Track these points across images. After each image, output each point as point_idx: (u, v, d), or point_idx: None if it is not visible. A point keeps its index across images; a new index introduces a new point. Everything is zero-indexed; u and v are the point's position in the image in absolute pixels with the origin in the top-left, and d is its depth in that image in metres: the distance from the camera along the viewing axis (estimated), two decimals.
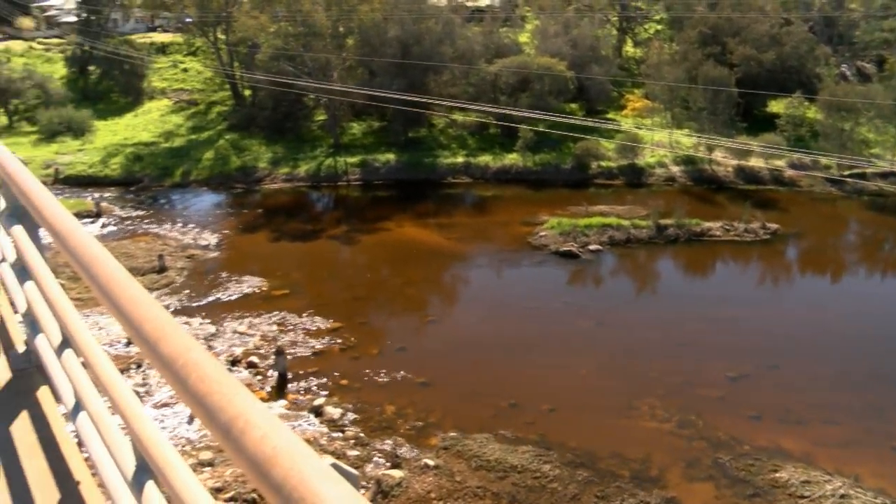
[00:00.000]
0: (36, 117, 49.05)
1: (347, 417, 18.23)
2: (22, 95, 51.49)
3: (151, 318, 1.61)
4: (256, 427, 1.21)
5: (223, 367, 1.39)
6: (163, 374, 1.49)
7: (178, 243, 31.11)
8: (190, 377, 1.35)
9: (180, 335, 1.51)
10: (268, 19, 46.59)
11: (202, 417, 1.32)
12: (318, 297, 25.50)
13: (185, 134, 47.86)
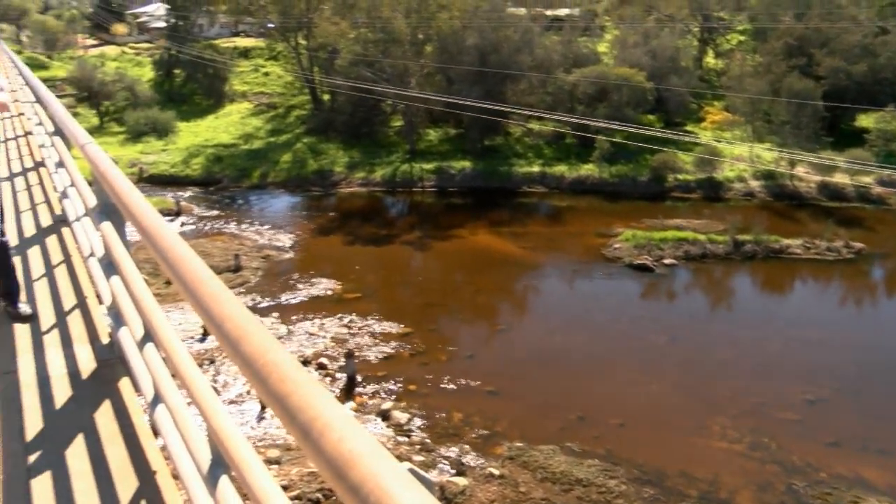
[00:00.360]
0: (124, 118, 50.78)
1: (414, 423, 18.28)
2: (113, 97, 53.43)
3: (234, 317, 1.64)
4: (335, 429, 1.22)
5: (303, 368, 1.41)
6: (244, 373, 1.51)
7: (254, 243, 31.75)
8: (271, 377, 1.38)
9: (262, 334, 1.54)
10: (348, 25, 47.27)
11: (282, 417, 1.34)
12: (389, 301, 25.69)
13: (263, 136, 48.85)
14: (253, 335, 1.54)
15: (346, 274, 27.85)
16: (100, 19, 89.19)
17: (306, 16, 52.44)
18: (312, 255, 30.69)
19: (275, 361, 1.41)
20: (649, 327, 24.19)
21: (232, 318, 1.65)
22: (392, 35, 44.32)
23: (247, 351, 1.50)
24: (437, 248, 31.87)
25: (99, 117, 51.96)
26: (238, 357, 1.53)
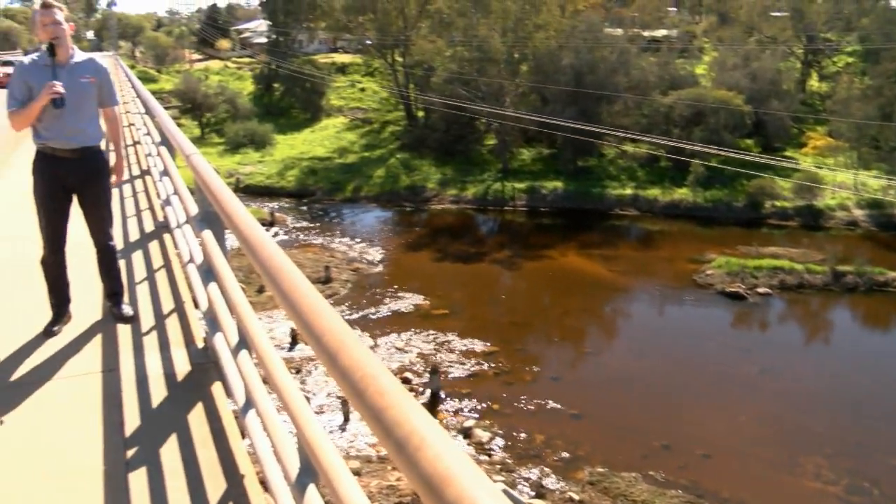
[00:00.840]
0: (224, 130, 52.51)
1: (496, 442, 18.20)
2: (214, 109, 55.33)
3: (332, 330, 1.67)
4: (431, 445, 1.23)
5: (399, 382, 1.43)
6: (341, 386, 1.54)
7: (345, 256, 32.27)
8: (367, 390, 1.39)
9: (359, 348, 1.57)
10: (444, 44, 47.75)
11: (377, 431, 1.35)
12: (476, 319, 25.70)
13: (358, 151, 49.66)
14: (351, 348, 1.56)
15: (434, 290, 27.99)
16: (206, 35, 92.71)
17: (403, 33, 53.25)
18: (401, 270, 30.98)
19: (372, 375, 1.43)
20: (739, 357, 23.49)
21: (331, 330, 1.68)
22: (488, 54, 44.53)
23: (344, 364, 1.52)
24: (525, 267, 31.75)
25: (200, 128, 53.80)
26: (335, 370, 1.56)
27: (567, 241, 34.44)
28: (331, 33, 71.62)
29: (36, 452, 3.43)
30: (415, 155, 46.43)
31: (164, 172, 7.55)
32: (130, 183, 10.01)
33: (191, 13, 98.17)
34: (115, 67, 25.35)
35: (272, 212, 37.76)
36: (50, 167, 4.67)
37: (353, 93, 61.83)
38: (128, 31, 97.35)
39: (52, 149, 4.63)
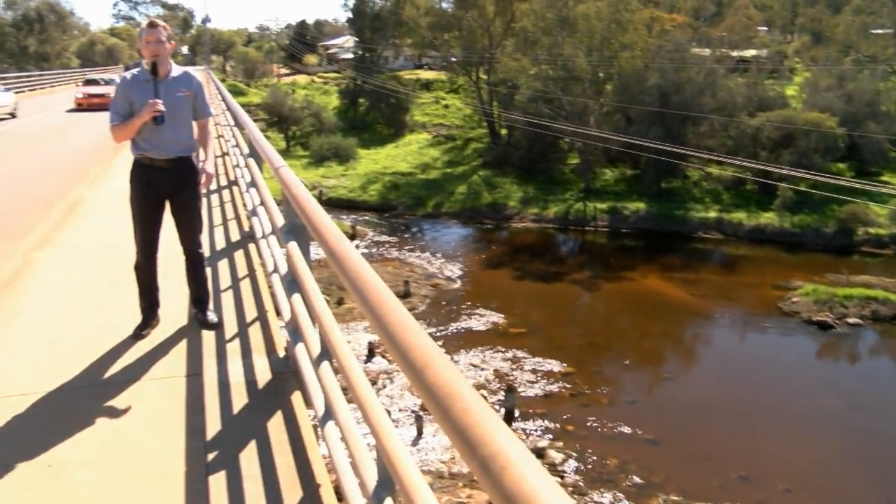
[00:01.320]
0: (309, 143, 53.59)
1: (569, 464, 17.97)
2: (300, 123, 56.53)
3: (419, 346, 1.68)
4: (516, 465, 1.22)
5: (485, 401, 1.43)
6: (425, 402, 1.54)
7: (424, 271, 32.45)
8: (453, 407, 1.39)
9: (446, 365, 1.57)
10: (529, 62, 47.76)
11: (461, 449, 1.35)
12: (553, 339, 25.49)
13: (440, 167, 50.00)
14: (438, 365, 1.57)
15: (513, 308, 27.90)
16: (294, 51, 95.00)
17: (488, 51, 53.53)
18: (480, 287, 30.98)
19: (458, 392, 1.43)
20: (826, 389, 22.65)
21: (417, 346, 1.68)
22: (572, 72, 44.37)
23: (431, 380, 1.52)
24: (605, 288, 31.38)
25: (286, 141, 55.00)
26: (421, 385, 1.56)
27: (648, 263, 33.90)
28: (416, 50, 72.57)
29: (120, 451, 3.55)
30: (497, 172, 46.47)
31: (252, 184, 7.73)
32: (218, 193, 10.30)
33: (280, 29, 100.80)
34: (207, 80, 26.19)
35: (354, 225, 38.27)
36: (146, 176, 4.86)
37: (436, 109, 62.35)
38: (220, 46, 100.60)
39: (149, 159, 4.82)
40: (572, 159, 46.57)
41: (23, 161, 15.19)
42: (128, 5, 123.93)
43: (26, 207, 10.29)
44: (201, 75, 5.08)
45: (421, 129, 59.45)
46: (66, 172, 13.52)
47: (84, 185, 11.88)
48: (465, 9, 55.54)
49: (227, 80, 77.20)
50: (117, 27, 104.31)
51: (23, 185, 12.09)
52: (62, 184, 12.11)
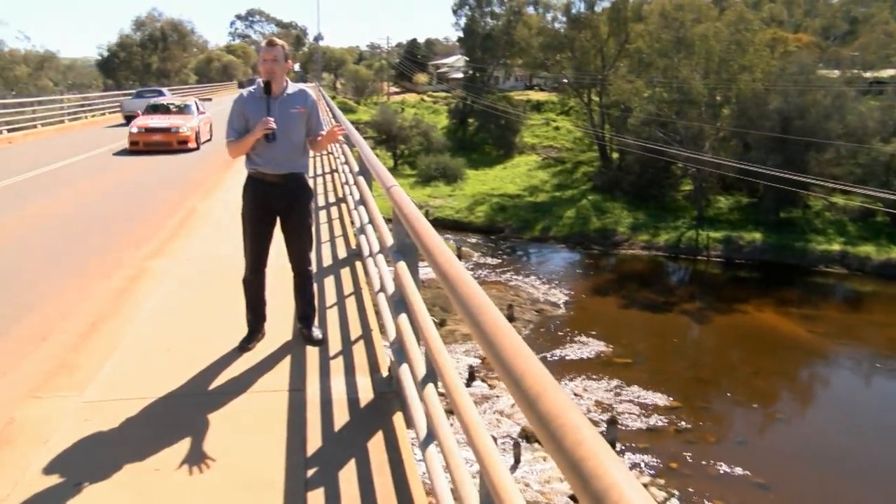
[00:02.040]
0: (416, 162, 54.32)
1: (672, 503, 17.49)
2: (408, 142, 57.41)
3: (532, 373, 1.66)
4: (631, 501, 1.20)
5: (600, 434, 1.40)
6: (537, 431, 1.52)
7: (529, 296, 32.33)
8: (566, 439, 1.37)
9: (560, 394, 1.55)
10: (643, 84, 47.14)
11: (573, 482, 1.33)
12: (659, 371, 24.91)
13: (549, 190, 49.82)
14: (551, 394, 1.55)
15: (618, 337, 27.46)
16: (404, 69, 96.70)
17: (601, 73, 53.16)
18: (586, 315, 30.63)
19: (571, 424, 1.41)
20: None
21: (531, 374, 1.67)
22: (688, 96, 43.53)
23: (544, 409, 1.51)
24: (716, 321, 30.49)
25: (394, 160, 55.90)
26: (534, 414, 1.54)
27: (764, 296, 32.76)
28: (527, 70, 72.75)
29: (223, 460, 3.67)
30: (607, 197, 45.98)
31: (360, 201, 7.88)
32: (326, 210, 10.55)
33: (391, 47, 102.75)
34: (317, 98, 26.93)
35: (459, 246, 38.50)
36: (258, 191, 5.03)
37: (546, 131, 62.24)
38: (331, 64, 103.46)
39: (262, 174, 5.00)
40: (685, 186, 45.61)
41: (139, 172, 15.94)
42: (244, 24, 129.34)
43: (143, 217, 10.81)
44: (312, 92, 5.23)
45: (530, 150, 59.43)
46: (181, 184, 14.14)
47: (197, 197, 12.39)
48: (578, 29, 55.39)
49: (338, 97, 79.25)
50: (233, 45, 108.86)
51: (140, 195, 12.69)
52: (176, 195, 12.66)
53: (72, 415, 4.20)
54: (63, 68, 70.98)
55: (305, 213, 5.15)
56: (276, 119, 4.83)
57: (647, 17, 50.21)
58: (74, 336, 5.68)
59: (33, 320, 6.19)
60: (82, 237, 9.60)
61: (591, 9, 55.70)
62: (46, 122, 29.85)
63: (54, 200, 12.40)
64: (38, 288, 7.20)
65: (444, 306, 26.90)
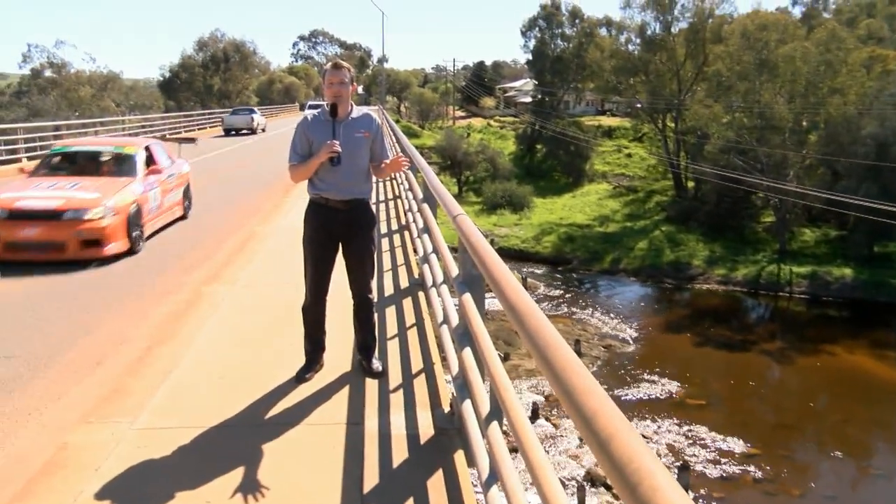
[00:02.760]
0: (482, 189, 54.53)
1: None
2: (474, 168, 57.72)
3: (605, 413, 1.64)
4: None
5: (675, 478, 1.38)
6: (609, 475, 1.50)
7: (597, 331, 32.05)
8: (641, 484, 1.35)
9: (633, 436, 1.53)
10: (721, 109, 46.60)
11: None
12: (737, 414, 24.34)
13: (620, 220, 49.50)
14: (625, 436, 1.53)
15: (692, 377, 26.97)
16: (470, 93, 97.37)
17: (677, 97, 52.79)
18: (657, 352, 30.18)
19: (648, 469, 1.38)
20: None
21: (603, 414, 1.65)
22: (771, 121, 42.85)
23: (616, 452, 1.49)
24: (800, 362, 29.71)
25: (459, 186, 56.22)
26: (605, 458, 1.52)
27: (855, 337, 31.81)
28: (599, 95, 72.69)
29: (275, 496, 3.69)
30: (681, 228, 45.46)
31: (425, 229, 7.92)
32: (388, 237, 10.64)
33: (457, 70, 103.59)
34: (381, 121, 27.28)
35: (525, 277, 38.41)
36: (321, 216, 5.09)
37: (618, 158, 62.03)
38: (395, 87, 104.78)
39: (324, 199, 5.06)
40: (766, 217, 44.81)
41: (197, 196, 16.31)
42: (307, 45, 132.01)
43: (200, 240, 11.04)
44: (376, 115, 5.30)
45: (601, 178, 59.27)
46: (240, 207, 14.42)
47: (256, 221, 12.63)
48: (653, 51, 55.25)
49: (401, 121, 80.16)
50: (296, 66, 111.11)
51: (195, 219, 12.96)
52: (234, 220, 12.91)
53: (124, 441, 4.30)
54: (125, 89, 73.43)
55: (368, 239, 5.20)
56: (341, 143, 4.90)
57: (727, 38, 49.65)
58: (129, 361, 5.83)
59: (88, 343, 6.37)
60: (138, 258, 9.86)
61: (668, 30, 55.50)
62: None
63: None
64: (94, 311, 7.41)
65: (508, 340, 26.78)
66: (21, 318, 7.10)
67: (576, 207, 52.72)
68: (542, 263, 43.33)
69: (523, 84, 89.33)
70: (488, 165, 58.35)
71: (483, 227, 46.28)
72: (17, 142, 24.26)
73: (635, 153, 61.84)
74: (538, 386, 24.47)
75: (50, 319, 7.08)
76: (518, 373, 25.20)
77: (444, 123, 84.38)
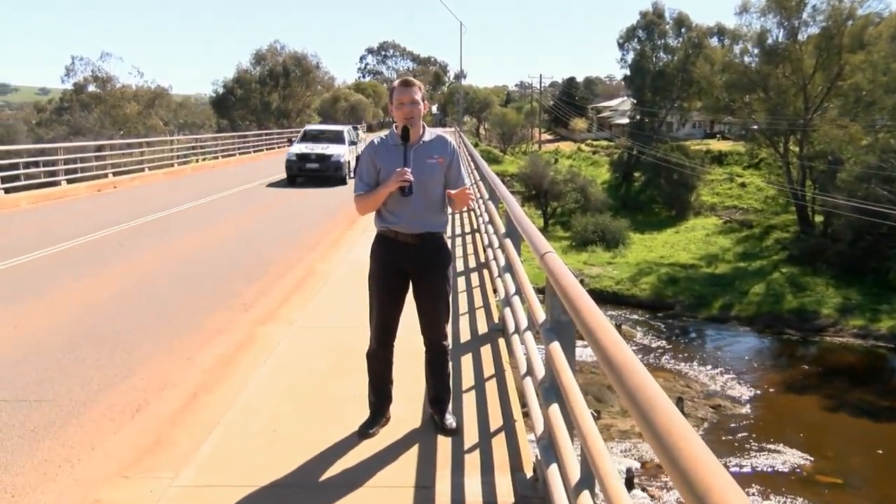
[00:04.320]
0: (571, 222, 54.42)
1: None
2: (561, 198, 57.67)
3: (719, 489, 1.60)
4: None
5: None
6: None
7: (704, 388, 31.46)
8: None
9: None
10: (860, 129, 45.60)
11: None
12: (885, 499, 23.50)
13: (731, 260, 48.78)
14: None
15: (822, 448, 26.21)
16: (559, 113, 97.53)
17: (803, 116, 51.91)
18: (777, 416, 29.46)
19: None
20: None
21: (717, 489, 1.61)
22: None
23: None
24: None
25: (544, 219, 56.26)
26: None
27: None
28: (708, 115, 72.00)
29: None
30: (806, 270, 44.54)
31: (507, 268, 7.92)
32: (465, 276, 10.69)
33: (544, 87, 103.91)
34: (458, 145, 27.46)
35: (620, 324, 38.12)
36: (389, 252, 5.13)
37: (730, 188, 61.31)
38: (474, 106, 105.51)
39: (393, 232, 5.09)
40: None
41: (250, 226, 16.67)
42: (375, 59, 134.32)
43: (254, 276, 11.28)
44: (452, 138, 5.32)
45: (709, 211, 58.64)
46: (297, 241, 14.70)
47: (315, 257, 12.84)
48: (774, 63, 54.39)
49: (480, 144, 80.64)
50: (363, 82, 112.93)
51: (251, 252, 13.26)
52: (292, 254, 13.16)
53: (164, 499, 4.37)
54: (175, 106, 75.18)
55: (443, 278, 5.20)
56: (413, 170, 4.92)
57: (870, 44, 48.40)
58: (172, 408, 5.97)
59: (129, 387, 6.54)
60: (188, 295, 10.11)
61: (793, 37, 54.40)
62: (154, 166, 31.80)
63: (158, 253, 13.13)
64: (138, 350, 7.61)
65: (600, 395, 26.53)
66: (58, 360, 7.30)
67: (679, 244, 52.18)
68: (639, 308, 42.86)
69: (619, 103, 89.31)
70: (578, 195, 58.25)
71: (572, 265, 46.08)
72: (56, 163, 25.10)
73: (750, 182, 61.02)
74: (634, 450, 24.13)
75: (89, 361, 7.27)
76: (611, 434, 24.90)
77: (528, 148, 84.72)
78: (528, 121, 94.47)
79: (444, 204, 5.23)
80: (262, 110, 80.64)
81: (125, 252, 13.12)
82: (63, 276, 11.17)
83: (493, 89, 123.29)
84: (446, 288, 5.25)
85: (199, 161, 37.43)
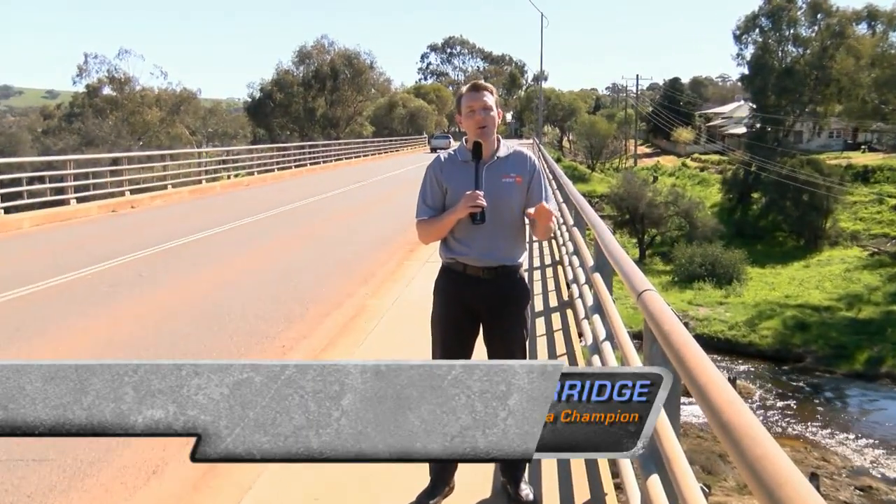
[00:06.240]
0: (673, 253, 53.98)
1: None
2: (662, 224, 57.31)
3: None
4: None
5: None
6: None
7: (846, 463, 30.54)
8: None
9: None
10: None
11: None
12: None
13: (881, 302, 47.91)
14: None
15: None
16: (659, 121, 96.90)
17: None
18: None
19: None
20: None
21: None
22: None
23: None
24: None
25: (640, 249, 55.92)
26: None
27: None
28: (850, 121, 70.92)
29: None
30: None
31: (595, 308, 7.91)
32: (545, 317, 10.69)
33: (641, 91, 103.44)
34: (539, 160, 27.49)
35: (734, 378, 37.64)
36: (456, 287, 5.12)
37: (878, 212, 60.46)
38: (556, 113, 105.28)
39: (462, 265, 5.08)
40: None
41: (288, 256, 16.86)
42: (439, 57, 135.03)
43: (294, 315, 11.40)
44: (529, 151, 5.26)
45: (850, 241, 57.84)
46: (345, 273, 14.82)
47: (366, 292, 12.95)
48: None
49: (564, 159, 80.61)
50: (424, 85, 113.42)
51: (290, 286, 13.40)
52: (339, 289, 13.28)
53: None
54: (203, 112, 75.59)
55: (519, 319, 5.19)
56: (486, 192, 4.86)
57: None
58: (194, 470, 6.01)
59: (144, 445, 6.56)
60: (215, 337, 10.23)
61: None
62: (179, 182, 32.41)
63: (181, 285, 13.37)
64: None
65: (709, 466, 26.19)
66: None
67: (810, 281, 51.51)
68: (758, 359, 42.29)
69: (735, 109, 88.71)
70: (682, 221, 57.86)
71: (675, 305, 45.71)
72: (65, 178, 25.52)
73: None
74: None
75: None
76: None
77: (621, 163, 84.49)
78: (622, 131, 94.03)
79: (523, 231, 5.20)
80: (306, 118, 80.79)
81: (143, 284, 13.32)
82: (69, 312, 11.37)
83: (579, 93, 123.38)
84: (523, 332, 5.23)
85: (230, 177, 37.88)
